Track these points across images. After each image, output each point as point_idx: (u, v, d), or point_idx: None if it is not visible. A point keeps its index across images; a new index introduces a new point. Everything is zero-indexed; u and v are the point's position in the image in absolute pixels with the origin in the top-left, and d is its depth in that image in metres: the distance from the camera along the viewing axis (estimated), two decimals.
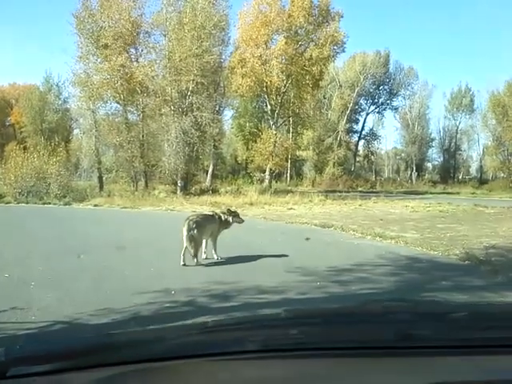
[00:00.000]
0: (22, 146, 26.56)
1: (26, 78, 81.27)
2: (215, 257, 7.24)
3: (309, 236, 10.11)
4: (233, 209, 8.07)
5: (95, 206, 19.51)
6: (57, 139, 25.71)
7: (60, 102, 47.06)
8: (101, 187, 26.18)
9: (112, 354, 1.15)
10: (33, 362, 1.11)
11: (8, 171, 22.29)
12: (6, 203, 20.19)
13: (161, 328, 1.53)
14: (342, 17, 29.19)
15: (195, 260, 6.78)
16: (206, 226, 7.14)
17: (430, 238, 10.01)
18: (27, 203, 20.18)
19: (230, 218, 7.59)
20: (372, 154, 53.15)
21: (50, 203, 20.06)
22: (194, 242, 6.83)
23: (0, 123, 58.47)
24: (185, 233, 6.83)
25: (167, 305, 4.69)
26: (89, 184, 27.75)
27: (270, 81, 28.16)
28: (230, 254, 7.41)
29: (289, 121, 34.31)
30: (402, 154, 57.21)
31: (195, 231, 6.83)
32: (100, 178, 27.18)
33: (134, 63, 25.05)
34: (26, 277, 5.88)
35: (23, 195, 21.27)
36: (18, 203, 20.19)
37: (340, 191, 30.12)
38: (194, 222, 6.92)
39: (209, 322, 1.39)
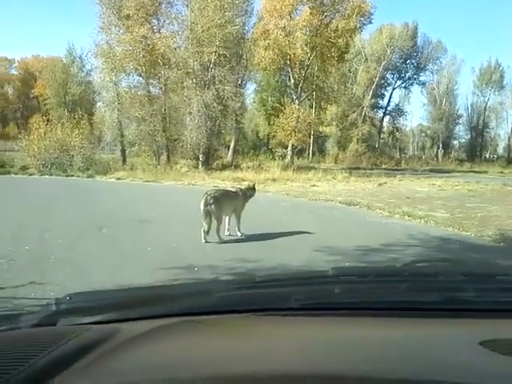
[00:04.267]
0: (45, 118, 26.53)
1: (49, 50, 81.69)
2: (239, 234, 7.05)
3: (335, 214, 9.80)
4: (250, 183, 7.80)
5: (118, 179, 19.57)
6: (80, 112, 25.59)
7: (83, 75, 46.96)
8: (123, 160, 26.21)
9: (161, 307, 1.18)
10: (82, 313, 1.13)
11: (32, 143, 22.47)
12: (30, 175, 20.40)
13: (209, 282, 1.64)
14: None
15: (206, 237, 6.53)
16: (226, 202, 6.90)
17: (460, 217, 9.64)
18: (50, 175, 20.38)
19: (251, 192, 7.43)
20: (397, 130, 51.66)
21: (73, 175, 20.23)
22: (210, 217, 6.59)
23: (24, 95, 59.34)
24: (202, 207, 6.61)
25: (191, 282, 4.50)
26: (112, 157, 27.84)
27: (294, 53, 27.39)
28: (254, 231, 7.20)
29: (312, 95, 33.36)
30: (428, 131, 55.68)
31: (212, 206, 6.58)
32: (123, 151, 27.16)
33: (156, 34, 24.50)
34: (45, 250, 5.80)
35: (47, 167, 21.50)
36: (42, 175, 20.38)
37: (364, 168, 29.62)
38: (212, 197, 6.66)
39: (256, 277, 1.38)
